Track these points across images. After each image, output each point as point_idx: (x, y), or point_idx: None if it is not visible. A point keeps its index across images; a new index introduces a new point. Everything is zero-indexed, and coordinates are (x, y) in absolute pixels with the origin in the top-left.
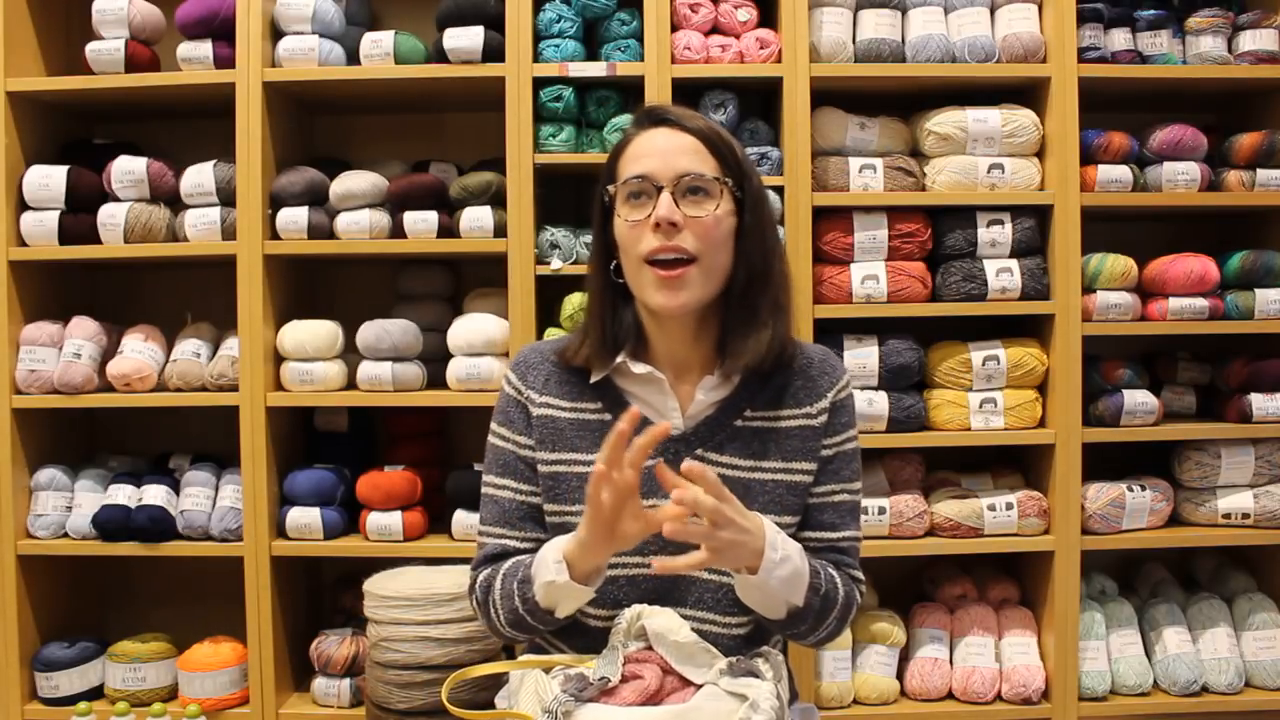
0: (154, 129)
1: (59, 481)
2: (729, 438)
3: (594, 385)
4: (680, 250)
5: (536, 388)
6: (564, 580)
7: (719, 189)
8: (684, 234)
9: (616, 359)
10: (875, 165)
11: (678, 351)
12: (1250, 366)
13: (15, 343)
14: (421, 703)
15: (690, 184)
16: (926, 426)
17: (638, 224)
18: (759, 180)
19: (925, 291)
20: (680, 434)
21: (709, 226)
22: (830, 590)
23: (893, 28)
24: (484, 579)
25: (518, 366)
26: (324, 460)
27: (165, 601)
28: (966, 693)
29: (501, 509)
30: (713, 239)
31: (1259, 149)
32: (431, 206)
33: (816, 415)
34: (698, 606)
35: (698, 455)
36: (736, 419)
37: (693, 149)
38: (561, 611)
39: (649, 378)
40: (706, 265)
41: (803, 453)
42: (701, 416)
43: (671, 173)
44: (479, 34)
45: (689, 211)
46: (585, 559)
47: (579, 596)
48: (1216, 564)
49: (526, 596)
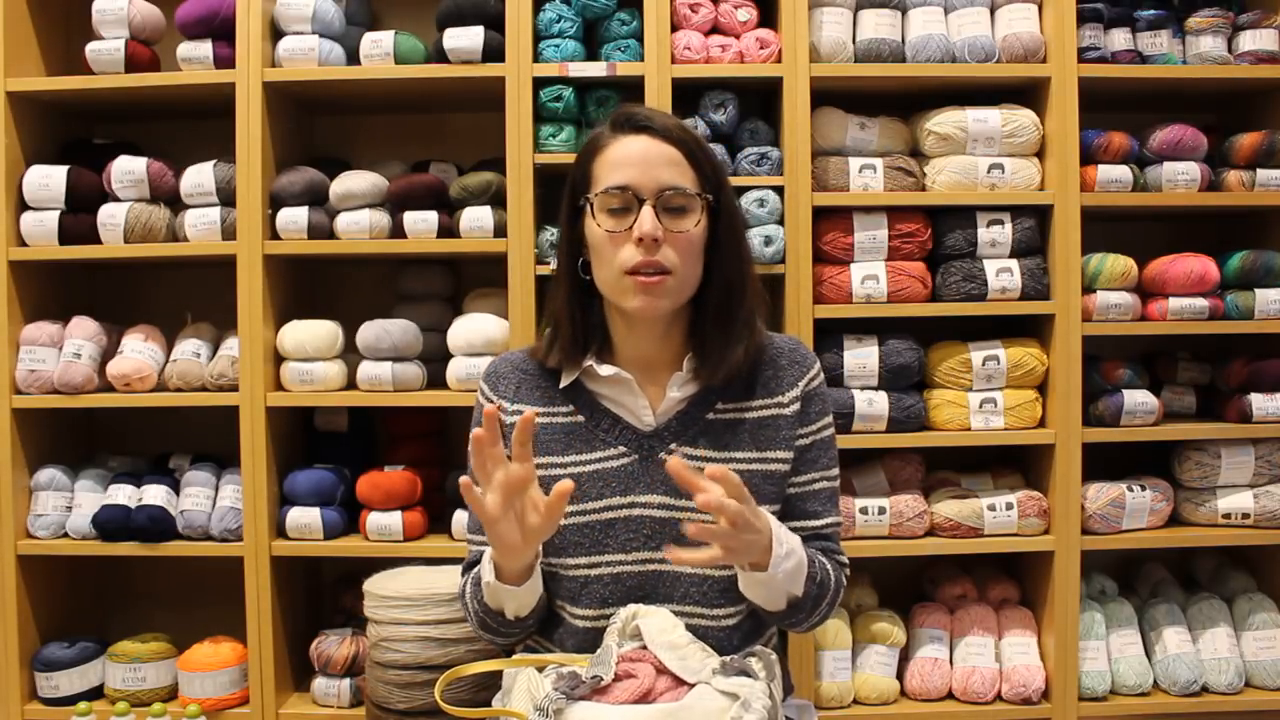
0: (154, 129)
1: (59, 481)
2: (701, 431)
3: (564, 389)
4: (660, 265)
5: (508, 396)
6: (490, 580)
7: (698, 203)
8: (664, 249)
9: (585, 362)
10: (875, 165)
11: (645, 351)
12: (1250, 366)
13: (15, 343)
14: (421, 703)
15: (671, 198)
16: (926, 426)
17: (618, 234)
18: (730, 186)
19: (925, 291)
20: (652, 430)
21: (687, 241)
22: (824, 578)
23: (893, 28)
24: (462, 585)
25: (489, 378)
26: (324, 460)
27: (165, 601)
28: (966, 693)
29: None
30: (689, 253)
31: (1259, 149)
32: (431, 206)
33: (788, 404)
34: (685, 601)
35: (671, 450)
36: (708, 412)
37: (673, 160)
38: (510, 611)
39: (616, 379)
40: (681, 276)
41: (776, 442)
42: (672, 412)
43: (654, 185)
44: (479, 34)
45: (669, 225)
46: (505, 560)
47: (516, 597)
48: (1216, 564)
49: (479, 599)
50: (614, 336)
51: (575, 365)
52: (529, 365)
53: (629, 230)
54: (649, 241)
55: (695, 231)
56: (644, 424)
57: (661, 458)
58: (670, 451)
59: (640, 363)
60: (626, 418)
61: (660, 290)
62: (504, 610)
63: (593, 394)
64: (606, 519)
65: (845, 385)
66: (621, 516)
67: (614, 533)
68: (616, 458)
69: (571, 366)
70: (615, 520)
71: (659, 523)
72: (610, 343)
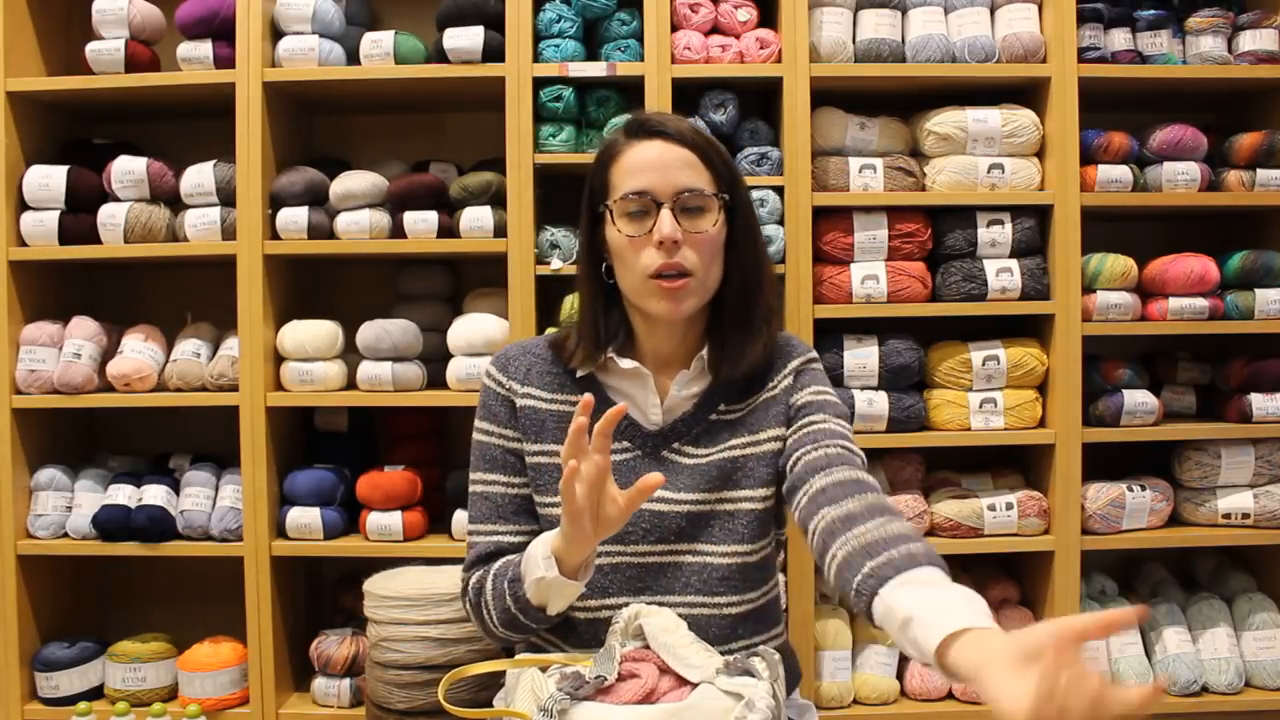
0: (154, 129)
1: (59, 481)
2: (704, 431)
3: (577, 379)
4: (681, 267)
5: (519, 379)
6: (554, 576)
7: (715, 203)
8: (684, 250)
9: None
10: (875, 165)
11: (664, 349)
12: (1250, 366)
13: (15, 343)
14: (421, 703)
15: (688, 200)
16: (926, 426)
17: (639, 239)
18: (744, 185)
19: (925, 291)
20: (658, 430)
21: (706, 242)
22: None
23: (893, 28)
24: (476, 580)
25: (498, 360)
26: (324, 460)
27: (165, 601)
28: (966, 693)
29: (493, 504)
30: (709, 253)
31: (1259, 149)
32: (431, 206)
33: (778, 385)
34: (685, 591)
35: (674, 449)
36: (711, 414)
37: (689, 163)
38: (553, 608)
39: (635, 373)
40: (702, 277)
41: (768, 420)
42: (679, 413)
43: (671, 189)
44: (479, 34)
45: (688, 227)
46: (572, 553)
47: (570, 591)
48: (1216, 564)
49: (518, 595)
50: (636, 333)
51: (595, 360)
52: (544, 352)
53: (649, 234)
54: (669, 244)
55: (713, 231)
56: (650, 422)
57: (664, 456)
58: (674, 450)
59: (659, 359)
60: (633, 414)
61: (683, 293)
62: (547, 606)
63: (603, 386)
64: None
65: (845, 385)
66: None
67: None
68: (620, 452)
69: (591, 362)
70: None
71: (659, 516)
72: (633, 338)
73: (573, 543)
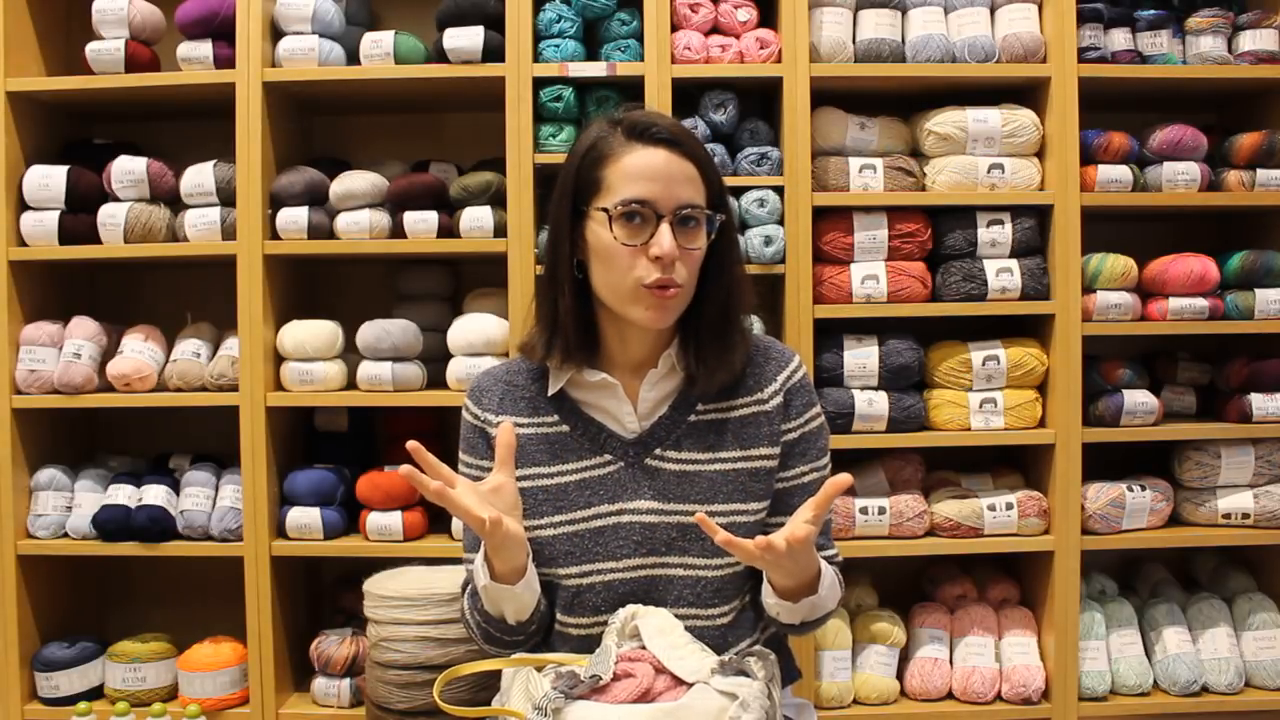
0: (154, 129)
1: (59, 481)
2: (684, 434)
3: (550, 398)
4: (674, 282)
5: (492, 409)
6: (486, 582)
7: (705, 218)
8: (677, 266)
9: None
10: (875, 165)
11: (636, 355)
12: (1250, 366)
13: (15, 343)
14: (421, 703)
15: (686, 215)
16: (926, 426)
17: (634, 248)
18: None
19: (925, 291)
20: (636, 436)
21: (697, 257)
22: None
23: (893, 28)
24: (462, 605)
25: (472, 393)
26: (324, 460)
27: (165, 601)
28: (966, 693)
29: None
30: (697, 266)
31: (1259, 149)
32: (431, 206)
33: (769, 400)
34: (678, 605)
35: (656, 455)
36: (689, 414)
37: (690, 176)
38: (510, 614)
39: (603, 384)
40: (688, 290)
41: (760, 438)
42: (655, 417)
43: (673, 202)
44: (479, 34)
45: (683, 242)
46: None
47: (516, 597)
48: (1216, 564)
49: (477, 607)
50: (604, 339)
51: (569, 369)
52: (513, 376)
53: (645, 245)
54: (667, 261)
55: (703, 248)
56: (628, 430)
57: (649, 464)
58: (656, 457)
59: (627, 364)
60: (611, 425)
61: (673, 304)
62: (505, 615)
63: (576, 402)
64: (595, 527)
65: (845, 385)
66: (610, 524)
67: (604, 541)
68: (602, 465)
69: (564, 371)
70: (604, 528)
71: (649, 528)
72: (599, 346)
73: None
